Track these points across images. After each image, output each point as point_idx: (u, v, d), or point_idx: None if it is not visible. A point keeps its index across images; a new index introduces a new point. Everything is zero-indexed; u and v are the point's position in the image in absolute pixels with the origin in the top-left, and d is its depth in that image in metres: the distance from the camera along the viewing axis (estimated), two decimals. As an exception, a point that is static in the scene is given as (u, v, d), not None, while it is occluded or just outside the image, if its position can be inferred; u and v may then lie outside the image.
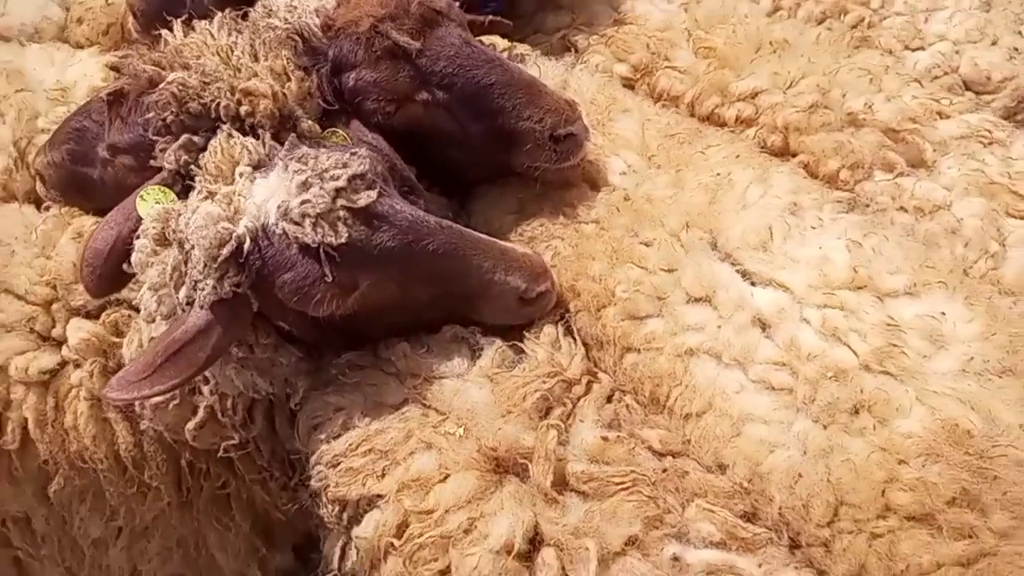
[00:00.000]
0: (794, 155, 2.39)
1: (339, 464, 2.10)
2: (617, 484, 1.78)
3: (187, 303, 1.95)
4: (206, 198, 1.98)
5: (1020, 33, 2.56)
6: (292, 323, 2.11)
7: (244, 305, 1.97)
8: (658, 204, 2.21)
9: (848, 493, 1.73)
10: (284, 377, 2.19)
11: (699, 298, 2.02)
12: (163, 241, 2.02)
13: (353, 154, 2.00)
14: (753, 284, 2.01)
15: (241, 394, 2.18)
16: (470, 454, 1.90)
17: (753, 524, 1.78)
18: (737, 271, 2.03)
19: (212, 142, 2.07)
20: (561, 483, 1.83)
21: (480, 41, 2.37)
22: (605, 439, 1.88)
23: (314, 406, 2.19)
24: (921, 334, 1.87)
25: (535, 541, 1.75)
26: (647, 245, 2.13)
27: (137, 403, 2.20)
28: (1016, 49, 2.49)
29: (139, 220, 2.07)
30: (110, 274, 2.09)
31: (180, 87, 2.11)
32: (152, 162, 2.15)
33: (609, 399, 2.02)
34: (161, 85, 2.12)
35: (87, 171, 2.45)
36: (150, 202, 2.10)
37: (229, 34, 2.26)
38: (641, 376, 2.02)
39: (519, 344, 2.12)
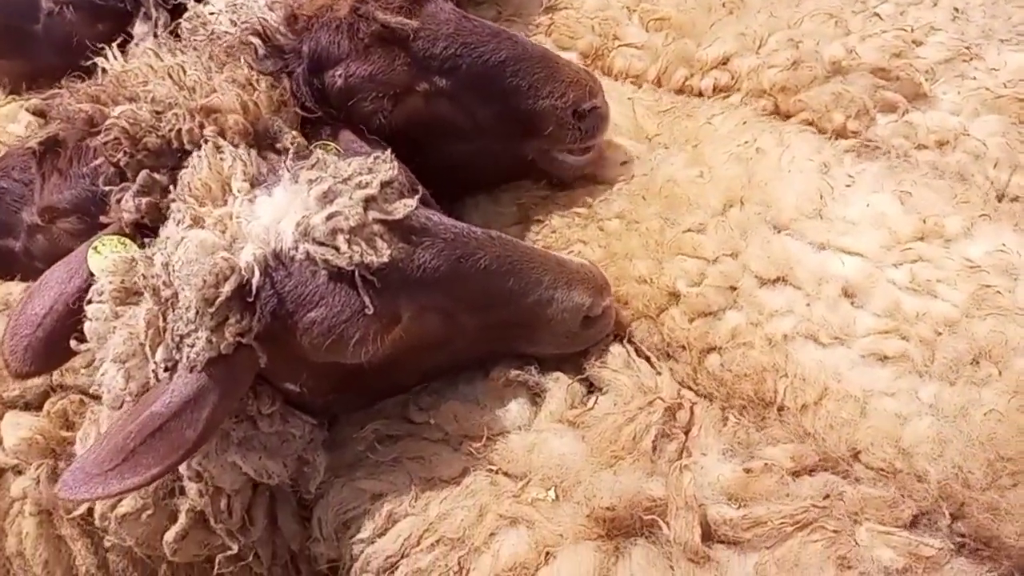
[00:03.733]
0: (788, 116, 2.36)
1: (397, 567, 1.81)
2: (795, 523, 1.59)
3: (166, 368, 1.60)
4: (191, 226, 1.64)
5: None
6: (306, 382, 1.78)
7: (248, 362, 1.64)
8: (688, 186, 2.09)
9: (1001, 446, 1.69)
10: (297, 455, 1.88)
11: (775, 279, 1.92)
12: (126, 299, 1.68)
13: (377, 158, 1.73)
14: (823, 252, 1.94)
15: (240, 490, 1.85)
16: (575, 521, 1.68)
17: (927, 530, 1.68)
18: (807, 243, 1.95)
19: (194, 158, 1.74)
20: (705, 536, 1.63)
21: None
22: (749, 471, 1.70)
23: (342, 497, 1.90)
24: (998, 270, 1.89)
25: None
26: (698, 232, 2.00)
27: (100, 507, 1.81)
28: (957, 9, 2.61)
29: (88, 279, 1.73)
30: (44, 348, 1.72)
31: (130, 121, 1.80)
32: (103, 218, 1.83)
33: (724, 420, 1.85)
34: (106, 123, 1.80)
35: (6, 243, 2.09)
36: (105, 254, 1.76)
37: (173, 54, 1.95)
38: (735, 376, 1.89)
39: (587, 376, 1.93)
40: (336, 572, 1.94)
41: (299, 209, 1.62)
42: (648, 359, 1.96)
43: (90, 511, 1.85)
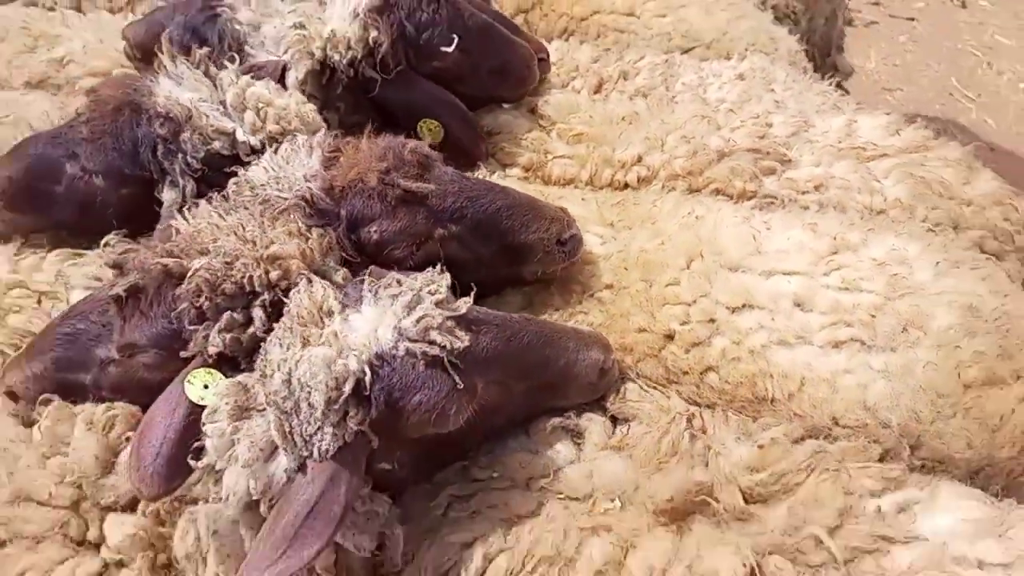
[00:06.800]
0: (700, 190, 3.08)
1: (508, 592, 2.08)
2: (806, 471, 2.13)
3: (298, 467, 1.94)
4: (304, 345, 1.99)
5: (773, 91, 3.61)
6: (400, 458, 2.14)
7: (364, 446, 1.99)
8: (656, 253, 2.69)
9: (939, 387, 2.33)
10: (379, 531, 2.14)
11: (741, 306, 2.53)
12: (240, 416, 1.99)
13: (433, 270, 2.19)
14: (771, 278, 2.57)
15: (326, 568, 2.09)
16: (643, 518, 2.09)
17: (892, 462, 2.27)
18: (757, 274, 2.58)
19: (294, 293, 2.12)
20: (743, 500, 2.11)
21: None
22: (761, 447, 2.22)
23: (433, 554, 2.16)
24: (897, 262, 2.58)
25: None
26: (674, 284, 2.59)
27: None
28: (776, 101, 3.51)
29: (190, 408, 2.04)
30: (167, 471, 2.01)
31: (209, 272, 2.16)
32: (183, 353, 2.16)
33: (727, 419, 2.39)
34: (190, 274, 2.16)
35: (77, 377, 2.38)
36: (198, 385, 2.08)
37: (229, 214, 2.35)
38: (733, 385, 2.45)
39: (612, 414, 2.42)
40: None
41: (390, 318, 2.03)
42: (655, 388, 2.49)
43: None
